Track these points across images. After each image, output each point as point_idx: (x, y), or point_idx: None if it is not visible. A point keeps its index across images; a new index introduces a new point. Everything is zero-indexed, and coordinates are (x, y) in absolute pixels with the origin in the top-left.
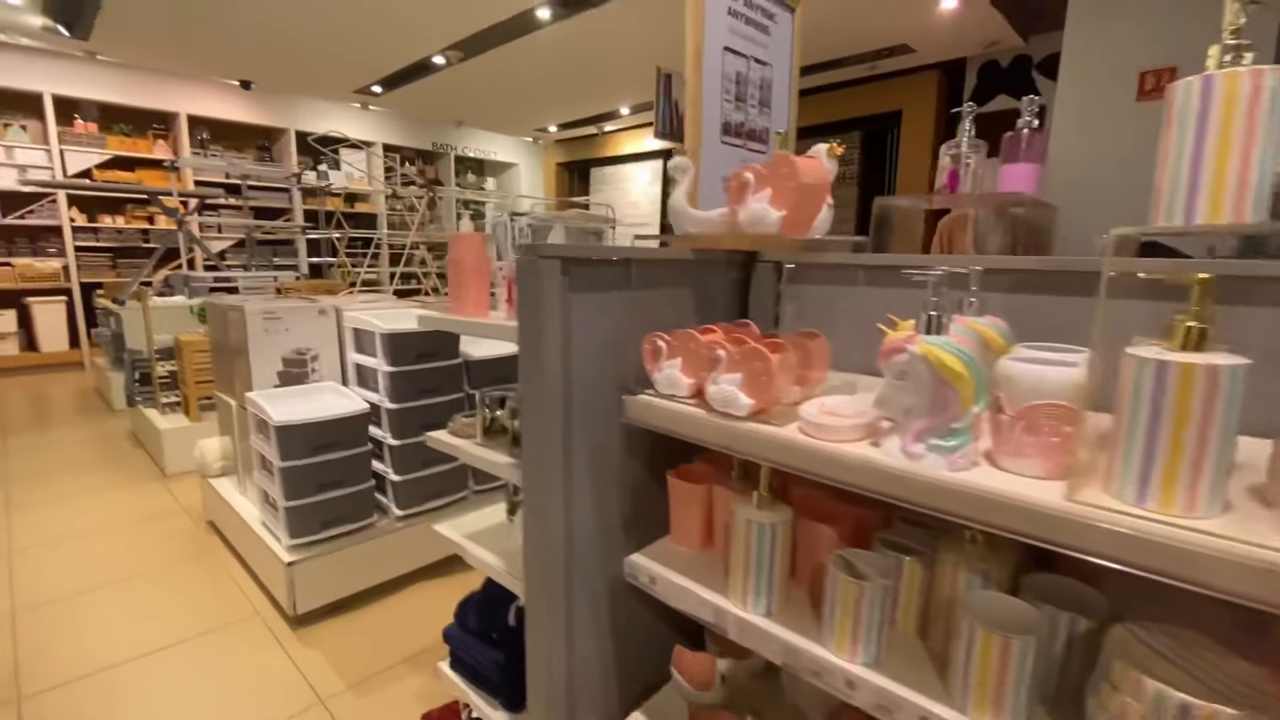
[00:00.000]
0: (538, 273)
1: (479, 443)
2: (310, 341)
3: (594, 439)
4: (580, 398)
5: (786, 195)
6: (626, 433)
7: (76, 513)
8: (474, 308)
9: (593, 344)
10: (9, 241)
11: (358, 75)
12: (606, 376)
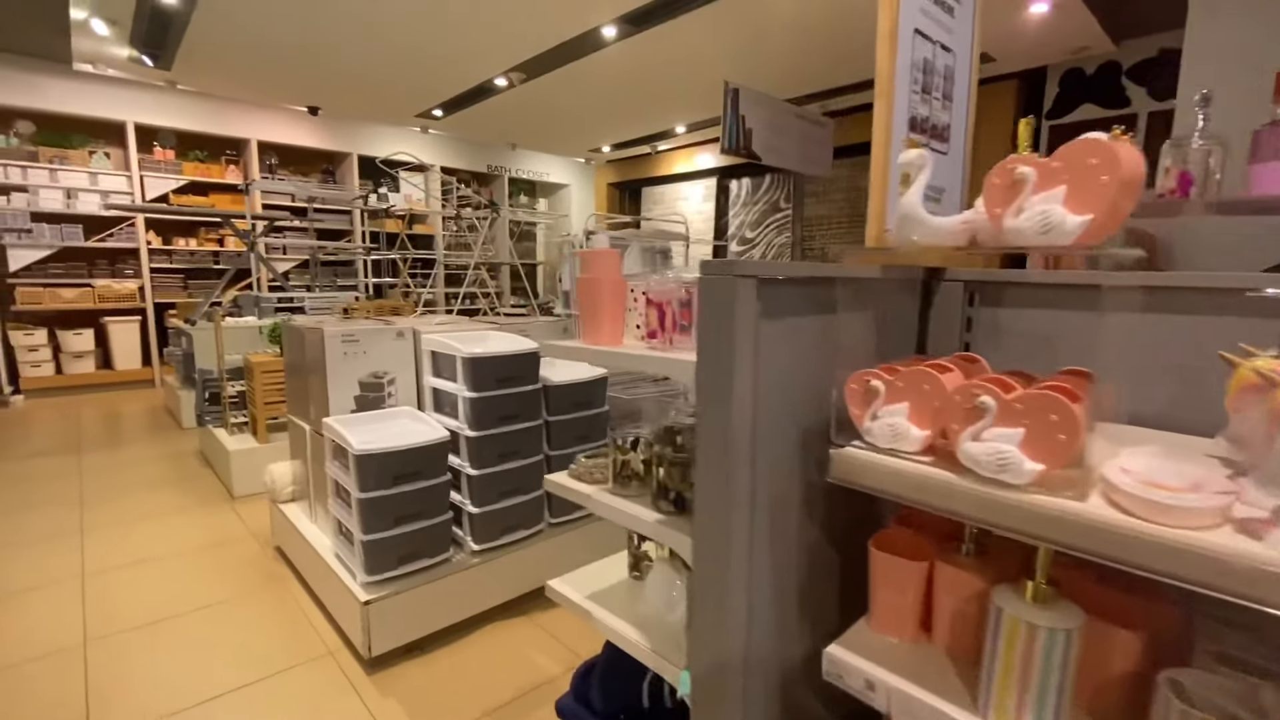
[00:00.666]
0: (729, 295)
1: (610, 490)
2: (387, 365)
3: (772, 494)
4: (762, 446)
5: (1094, 194)
6: (806, 488)
7: (147, 536)
8: (610, 335)
9: (777, 381)
10: (90, 263)
11: (421, 98)
12: (788, 420)
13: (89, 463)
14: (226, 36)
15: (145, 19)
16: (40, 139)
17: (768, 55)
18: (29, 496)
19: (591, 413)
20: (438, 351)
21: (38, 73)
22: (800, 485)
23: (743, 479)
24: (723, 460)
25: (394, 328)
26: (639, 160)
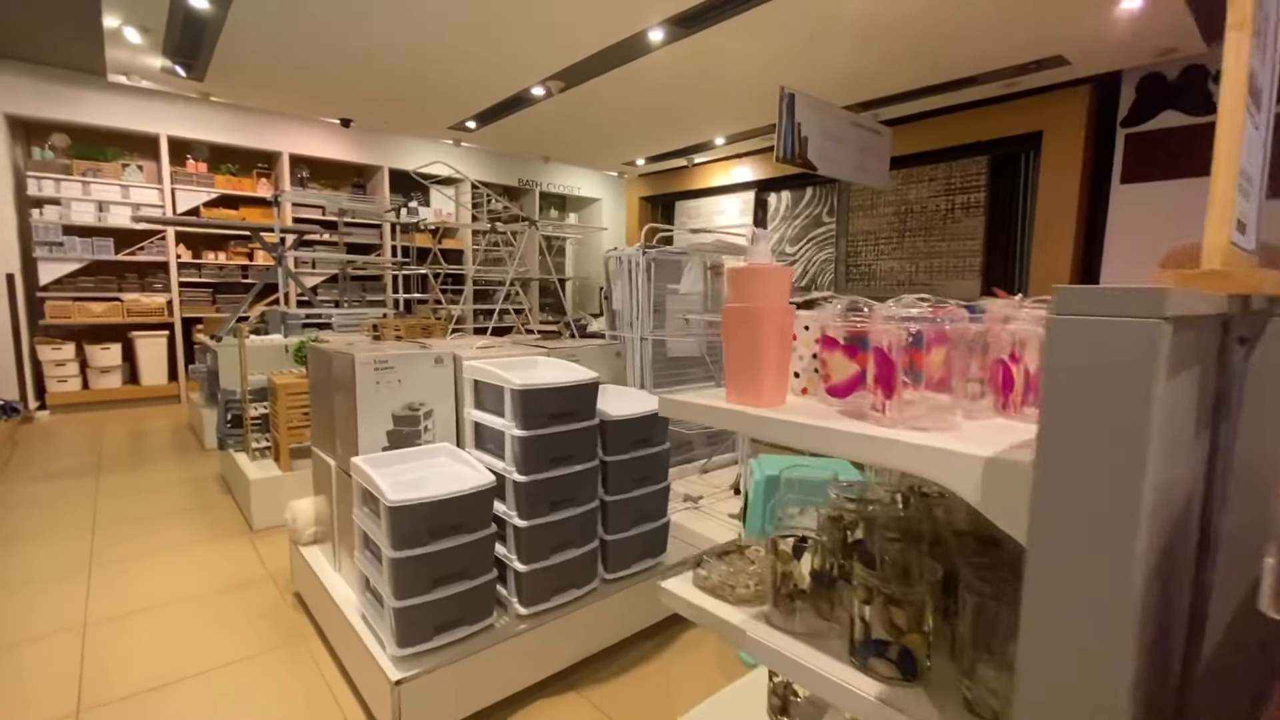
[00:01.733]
0: (1132, 348)
1: (770, 618)
2: (424, 394)
3: None
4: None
5: None
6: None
7: (158, 575)
8: (773, 393)
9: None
10: (120, 277)
11: (455, 110)
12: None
13: (106, 485)
14: (259, 47)
15: (177, 27)
16: (74, 152)
17: (821, 60)
18: (40, 523)
19: (652, 451)
20: (482, 381)
21: (73, 85)
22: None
23: (1124, 636)
24: (1111, 655)
25: (431, 353)
26: (673, 174)
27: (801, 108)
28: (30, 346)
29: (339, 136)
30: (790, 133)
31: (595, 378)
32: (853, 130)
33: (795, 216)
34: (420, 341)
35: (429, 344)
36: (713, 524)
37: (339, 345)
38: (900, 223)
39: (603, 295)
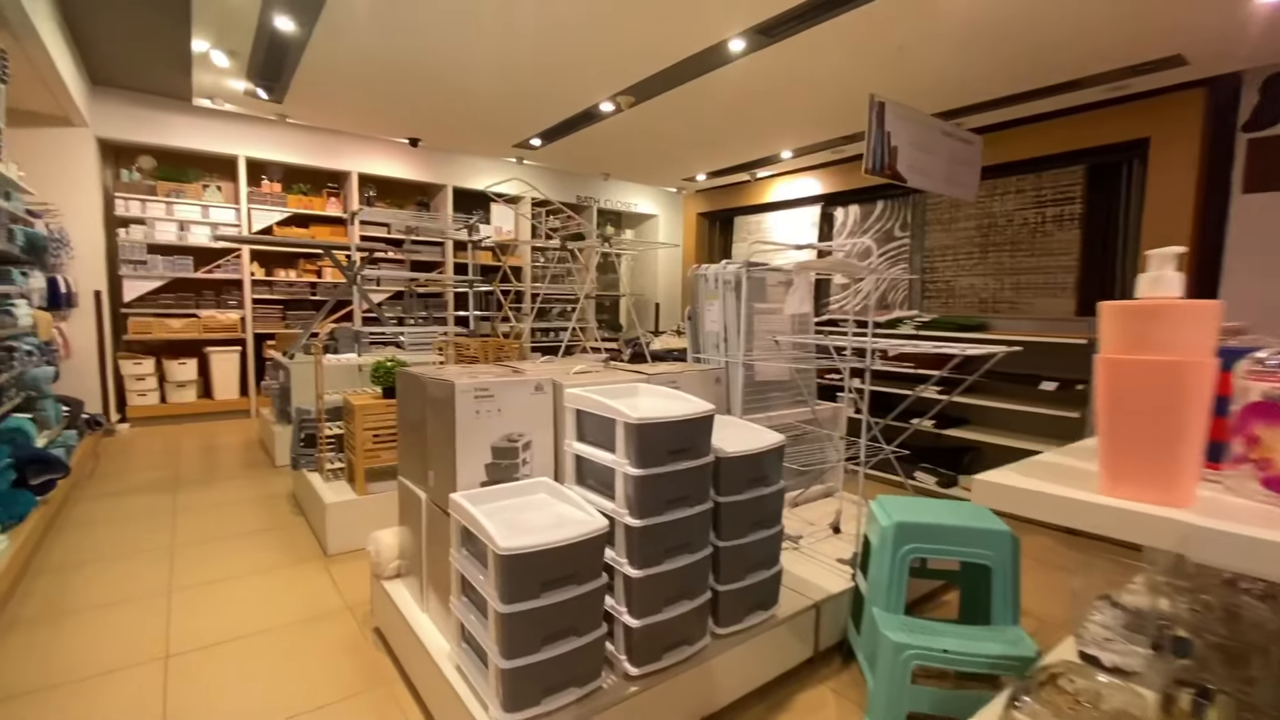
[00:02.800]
0: None
1: None
2: (523, 424)
3: None
4: None
5: None
6: None
7: (236, 603)
8: (1190, 481)
9: None
10: (197, 294)
11: (522, 127)
12: None
13: (183, 502)
14: (337, 68)
15: (263, 49)
16: (159, 173)
17: (910, 66)
18: (123, 543)
19: (768, 491)
20: (587, 412)
21: (160, 109)
22: None
23: None
24: None
25: (530, 380)
26: (733, 189)
27: (891, 117)
28: (114, 361)
29: (405, 156)
30: (880, 143)
31: (711, 410)
32: (943, 140)
33: (864, 231)
34: (512, 365)
35: (521, 368)
36: (820, 570)
37: (430, 369)
38: (983, 237)
39: (686, 315)
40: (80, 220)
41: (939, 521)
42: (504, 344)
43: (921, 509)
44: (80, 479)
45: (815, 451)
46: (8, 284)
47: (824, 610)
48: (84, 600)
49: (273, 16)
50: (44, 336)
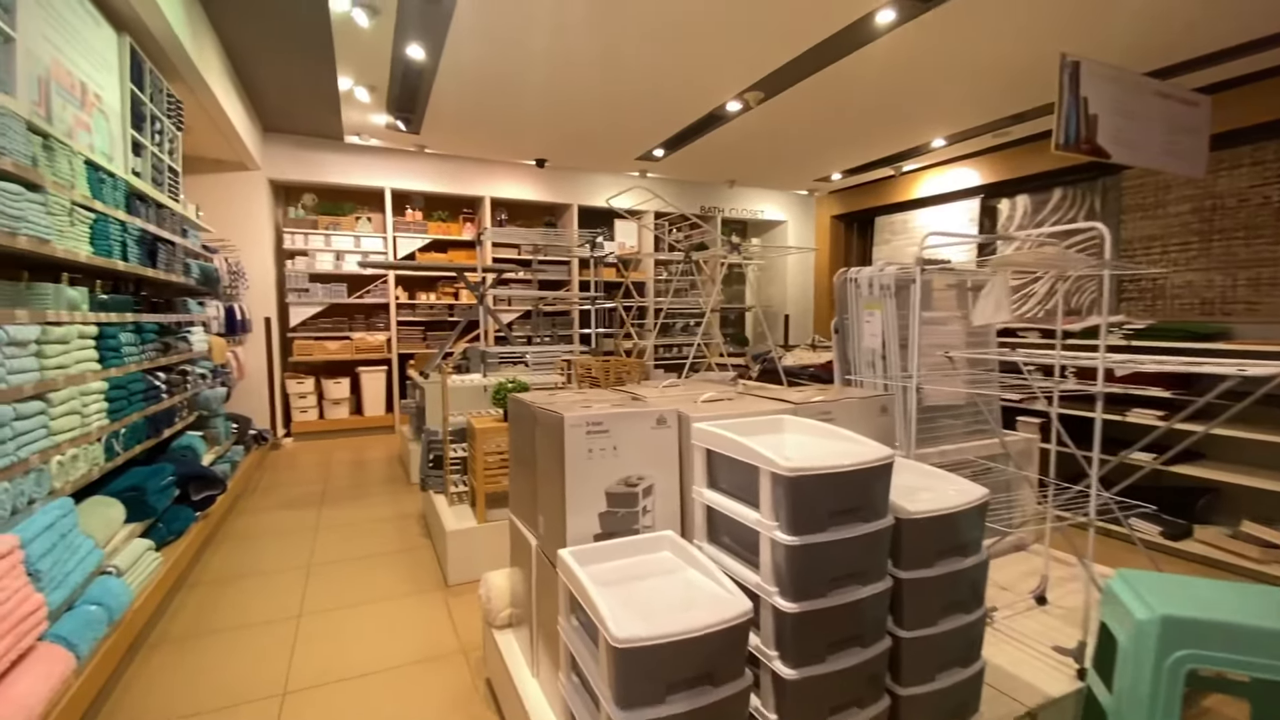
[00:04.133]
0: None
1: None
2: (642, 464)
3: None
4: None
5: None
6: None
7: (356, 636)
8: None
9: None
10: (350, 318)
11: (645, 137)
12: None
13: (327, 519)
14: (464, 94)
15: (398, 81)
16: (320, 208)
17: (1105, 16)
18: (269, 560)
19: (967, 564)
20: (721, 454)
21: (318, 149)
22: None
23: None
24: None
25: (651, 411)
26: (873, 186)
27: (1089, 79)
28: (281, 381)
29: (533, 178)
30: (1074, 112)
31: (889, 456)
32: (1157, 103)
33: (1039, 224)
34: (631, 391)
35: (642, 394)
36: (1028, 659)
37: (541, 398)
38: (1204, 223)
39: (833, 328)
40: (255, 254)
41: (1233, 620)
42: (625, 364)
43: (1193, 594)
44: (244, 491)
45: (999, 494)
46: (183, 313)
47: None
48: (224, 620)
49: (404, 46)
50: (218, 360)
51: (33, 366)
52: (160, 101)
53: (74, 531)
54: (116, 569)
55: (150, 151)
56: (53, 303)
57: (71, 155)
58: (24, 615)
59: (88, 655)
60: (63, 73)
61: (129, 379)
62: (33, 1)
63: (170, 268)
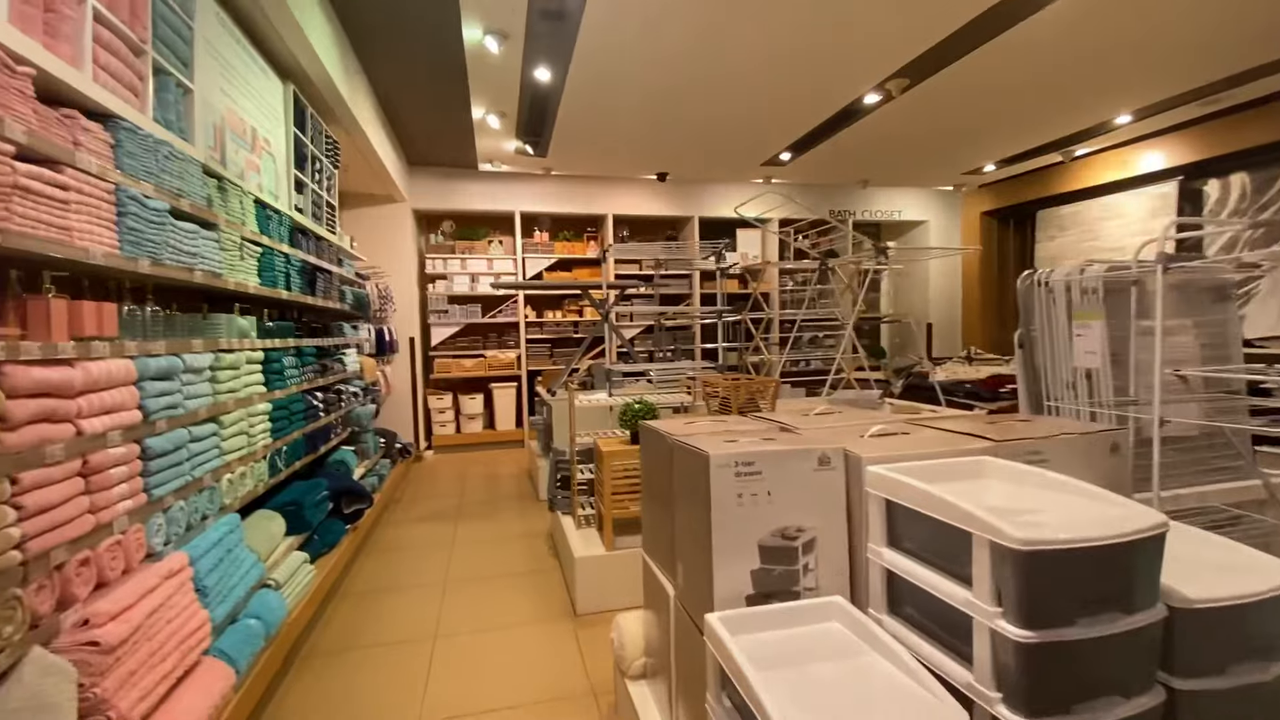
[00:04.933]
0: None
1: None
2: (802, 512)
3: None
4: None
5: None
6: None
7: (487, 666)
8: None
9: None
10: (484, 336)
11: (770, 141)
12: None
13: (462, 534)
14: (589, 114)
15: (526, 106)
16: (457, 234)
17: None
18: (410, 574)
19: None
20: (909, 507)
21: (455, 179)
22: None
23: None
24: None
25: (811, 450)
26: (1035, 176)
27: None
28: (424, 397)
29: (654, 193)
30: None
31: (1160, 525)
32: None
33: (1262, 206)
34: (775, 420)
35: (790, 425)
36: None
37: (677, 427)
38: None
39: (1017, 342)
40: (401, 279)
41: None
42: (758, 382)
43: None
44: (390, 503)
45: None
46: (338, 337)
47: None
48: (368, 635)
49: (532, 69)
50: (369, 378)
51: (206, 391)
52: (320, 143)
53: (239, 546)
54: (275, 582)
55: (311, 189)
56: (225, 331)
57: (242, 195)
58: (190, 632)
59: (246, 670)
60: (235, 119)
61: (290, 399)
62: (209, 57)
63: (328, 295)
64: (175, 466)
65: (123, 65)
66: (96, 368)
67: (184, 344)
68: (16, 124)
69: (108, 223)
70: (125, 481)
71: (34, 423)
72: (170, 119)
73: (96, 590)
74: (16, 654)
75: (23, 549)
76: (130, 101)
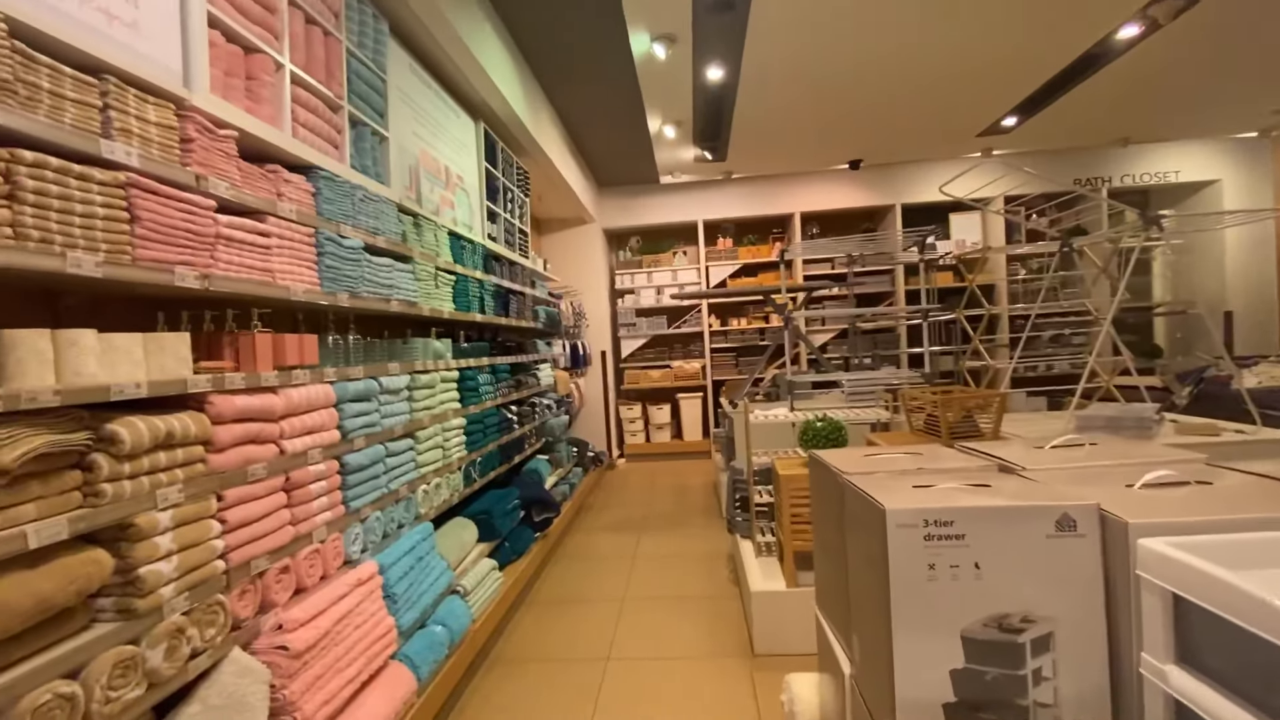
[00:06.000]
0: None
1: None
2: (1029, 595)
3: None
4: None
5: None
6: None
7: (658, 700)
8: None
9: None
10: (669, 347)
11: (988, 106)
12: None
13: (644, 548)
14: (767, 110)
15: (701, 112)
16: (642, 249)
17: None
18: (586, 586)
19: None
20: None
21: (639, 195)
22: None
23: None
24: None
25: (1043, 507)
26: None
27: None
28: (615, 408)
29: (845, 183)
30: None
31: None
32: None
33: None
34: (990, 454)
35: (1013, 462)
36: None
37: (853, 460)
38: None
39: None
40: (592, 296)
41: None
42: (976, 396)
43: None
44: (582, 509)
45: None
46: (532, 353)
47: None
48: (548, 648)
49: (703, 69)
50: (563, 391)
51: (403, 410)
52: (511, 174)
53: (431, 554)
54: (463, 589)
55: (503, 218)
56: (421, 354)
57: (437, 229)
58: (377, 637)
59: (429, 676)
60: (429, 160)
61: (484, 414)
62: (402, 104)
63: (520, 315)
64: (372, 480)
65: (321, 121)
66: (297, 393)
67: (381, 367)
68: (220, 181)
69: (309, 262)
70: (324, 495)
71: (239, 445)
72: (367, 165)
73: (296, 595)
74: (218, 655)
75: (226, 559)
76: (329, 152)
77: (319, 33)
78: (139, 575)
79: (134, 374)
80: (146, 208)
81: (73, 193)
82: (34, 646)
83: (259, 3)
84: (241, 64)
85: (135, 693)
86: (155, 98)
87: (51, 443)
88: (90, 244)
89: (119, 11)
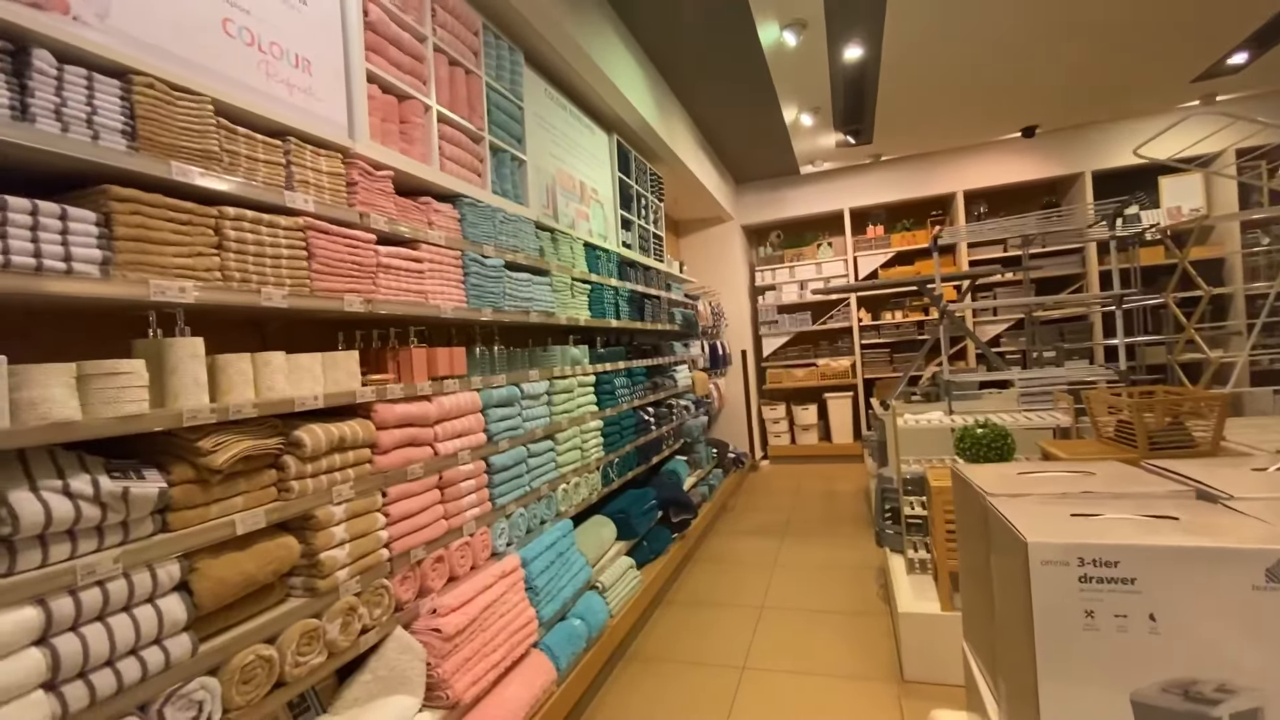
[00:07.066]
0: None
1: None
2: (1225, 657)
3: None
4: None
5: None
6: None
7: (794, 717)
8: None
9: None
10: (815, 345)
11: (1207, 45)
12: None
13: (785, 556)
14: (917, 82)
15: (840, 94)
16: (784, 243)
17: None
18: (723, 590)
19: None
20: None
21: (779, 189)
22: None
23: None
24: None
25: (1249, 550)
26: None
27: None
28: (757, 408)
29: (1018, 154)
30: None
31: None
32: None
33: None
34: (1184, 477)
35: (1215, 486)
36: None
37: (1003, 478)
38: None
39: None
40: (732, 295)
41: None
42: (1187, 397)
43: None
44: (722, 511)
45: None
46: (669, 355)
47: None
48: (684, 650)
49: (840, 51)
50: (701, 392)
51: (543, 414)
52: (644, 182)
53: (571, 550)
54: (601, 585)
55: (637, 225)
56: (559, 361)
57: (572, 242)
58: (519, 627)
59: (567, 668)
60: (565, 177)
61: (621, 416)
62: (539, 129)
63: (656, 318)
64: (516, 479)
65: (465, 153)
66: (449, 400)
67: (522, 375)
68: (379, 215)
69: (456, 282)
70: (473, 493)
71: (400, 448)
72: (507, 188)
73: (449, 583)
74: (384, 632)
75: (389, 548)
76: (473, 180)
77: (461, 72)
78: (320, 560)
79: (314, 387)
80: (320, 245)
81: (264, 238)
82: (241, 615)
83: (408, 54)
84: (395, 110)
85: (318, 659)
86: (326, 150)
87: (254, 446)
88: (278, 280)
89: (297, 81)
